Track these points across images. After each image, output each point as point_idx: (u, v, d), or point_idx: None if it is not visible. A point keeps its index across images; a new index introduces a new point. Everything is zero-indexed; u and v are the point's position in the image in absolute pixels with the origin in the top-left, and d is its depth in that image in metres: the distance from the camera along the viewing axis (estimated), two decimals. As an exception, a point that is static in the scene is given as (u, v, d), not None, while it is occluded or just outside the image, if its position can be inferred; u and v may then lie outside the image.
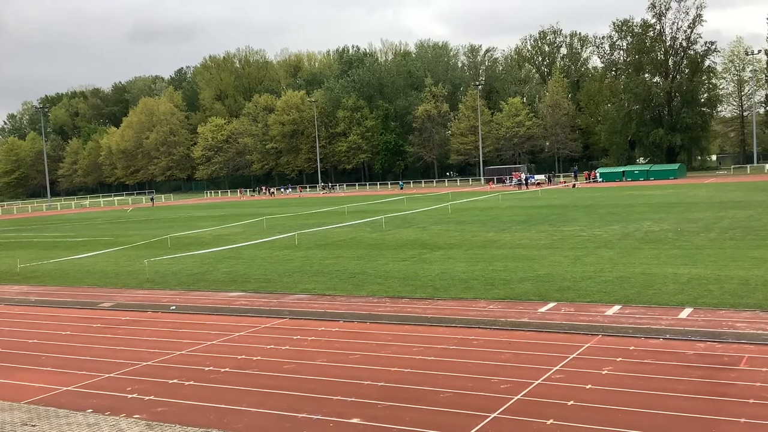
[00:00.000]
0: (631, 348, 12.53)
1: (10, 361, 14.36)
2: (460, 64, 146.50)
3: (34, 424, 10.34)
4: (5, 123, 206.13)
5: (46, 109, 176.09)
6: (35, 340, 16.09)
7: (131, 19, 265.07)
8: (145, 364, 13.46)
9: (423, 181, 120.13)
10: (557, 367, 11.62)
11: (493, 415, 9.65)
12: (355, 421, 9.79)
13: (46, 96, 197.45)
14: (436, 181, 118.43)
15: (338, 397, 10.79)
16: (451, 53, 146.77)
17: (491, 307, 16.50)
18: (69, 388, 12.17)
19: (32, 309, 20.26)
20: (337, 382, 11.58)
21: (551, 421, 9.32)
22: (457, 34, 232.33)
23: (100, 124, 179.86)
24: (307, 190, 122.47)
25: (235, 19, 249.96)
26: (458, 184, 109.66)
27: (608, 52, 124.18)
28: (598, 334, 13.54)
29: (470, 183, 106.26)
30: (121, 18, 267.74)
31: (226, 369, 12.75)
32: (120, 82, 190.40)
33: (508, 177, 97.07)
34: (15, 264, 29.16)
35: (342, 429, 9.38)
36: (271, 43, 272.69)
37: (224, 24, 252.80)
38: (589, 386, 10.62)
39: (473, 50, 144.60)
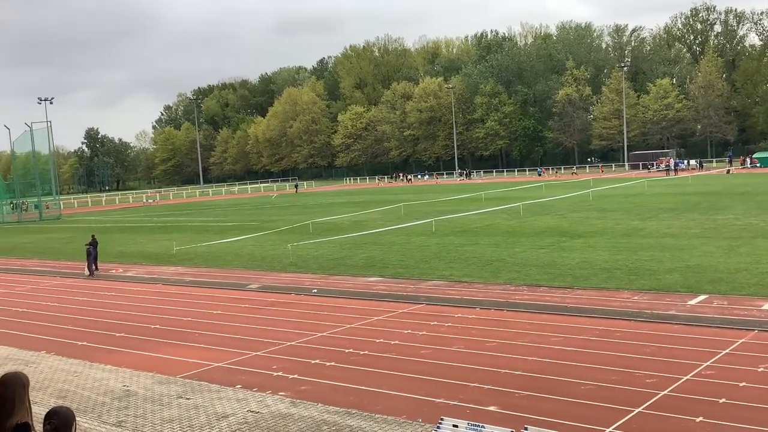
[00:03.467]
0: (792, 346, 11.68)
1: (168, 337, 15.42)
2: (604, 46, 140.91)
3: (188, 397, 11.05)
4: (162, 114, 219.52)
5: (199, 101, 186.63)
6: (190, 318, 17.18)
7: (276, 12, 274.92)
8: (289, 344, 14.04)
9: (563, 167, 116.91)
10: (708, 363, 11.02)
11: (637, 410, 9.31)
12: (492, 408, 9.75)
13: (198, 88, 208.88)
14: (577, 167, 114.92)
15: (475, 384, 10.78)
16: (595, 34, 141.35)
17: (635, 298, 15.89)
18: (220, 364, 12.91)
19: (187, 288, 21.64)
20: (474, 369, 11.56)
21: (701, 418, 8.87)
22: (601, 14, 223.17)
23: (248, 114, 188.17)
24: (444, 176, 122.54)
25: (373, 9, 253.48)
26: (600, 170, 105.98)
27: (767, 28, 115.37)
28: (753, 330, 12.72)
29: (613, 169, 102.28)
30: (266, 12, 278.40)
31: (366, 352, 13.06)
32: (266, 74, 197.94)
33: (654, 162, 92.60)
34: (171, 246, 31.18)
35: (479, 416, 9.35)
36: (410, 30, 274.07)
37: (363, 14, 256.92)
38: (743, 384, 10.01)
39: (618, 30, 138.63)
